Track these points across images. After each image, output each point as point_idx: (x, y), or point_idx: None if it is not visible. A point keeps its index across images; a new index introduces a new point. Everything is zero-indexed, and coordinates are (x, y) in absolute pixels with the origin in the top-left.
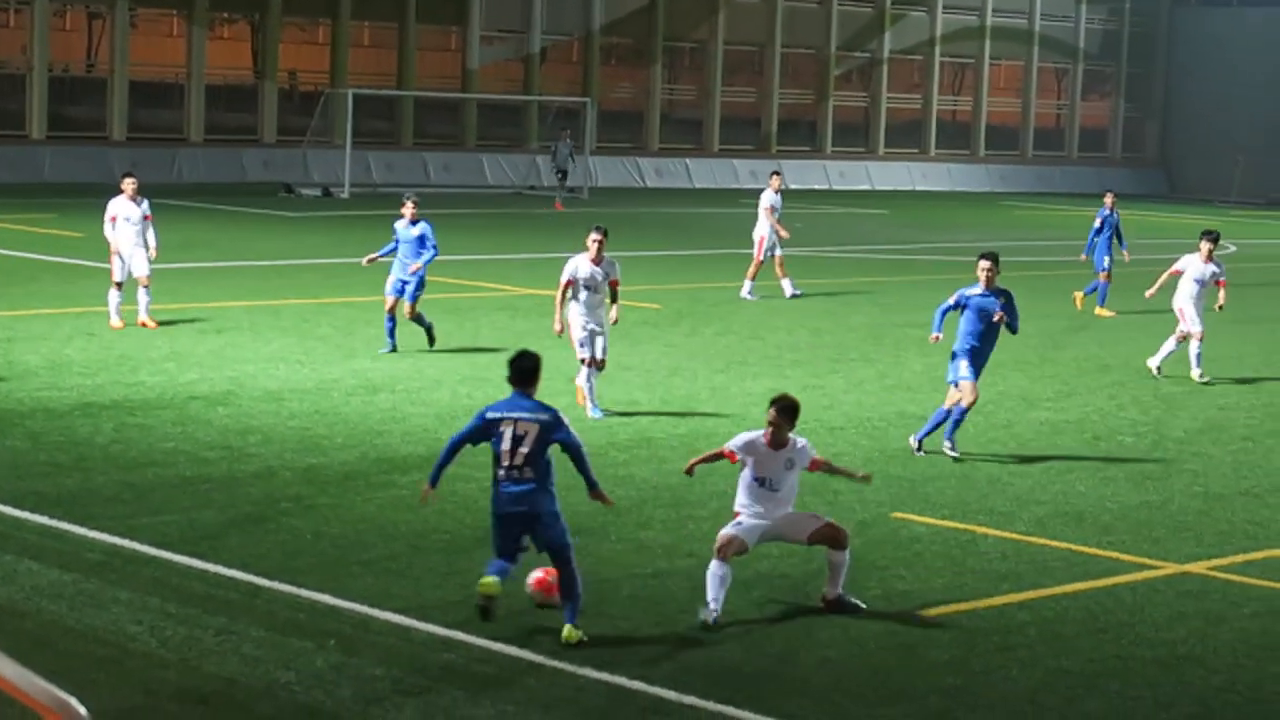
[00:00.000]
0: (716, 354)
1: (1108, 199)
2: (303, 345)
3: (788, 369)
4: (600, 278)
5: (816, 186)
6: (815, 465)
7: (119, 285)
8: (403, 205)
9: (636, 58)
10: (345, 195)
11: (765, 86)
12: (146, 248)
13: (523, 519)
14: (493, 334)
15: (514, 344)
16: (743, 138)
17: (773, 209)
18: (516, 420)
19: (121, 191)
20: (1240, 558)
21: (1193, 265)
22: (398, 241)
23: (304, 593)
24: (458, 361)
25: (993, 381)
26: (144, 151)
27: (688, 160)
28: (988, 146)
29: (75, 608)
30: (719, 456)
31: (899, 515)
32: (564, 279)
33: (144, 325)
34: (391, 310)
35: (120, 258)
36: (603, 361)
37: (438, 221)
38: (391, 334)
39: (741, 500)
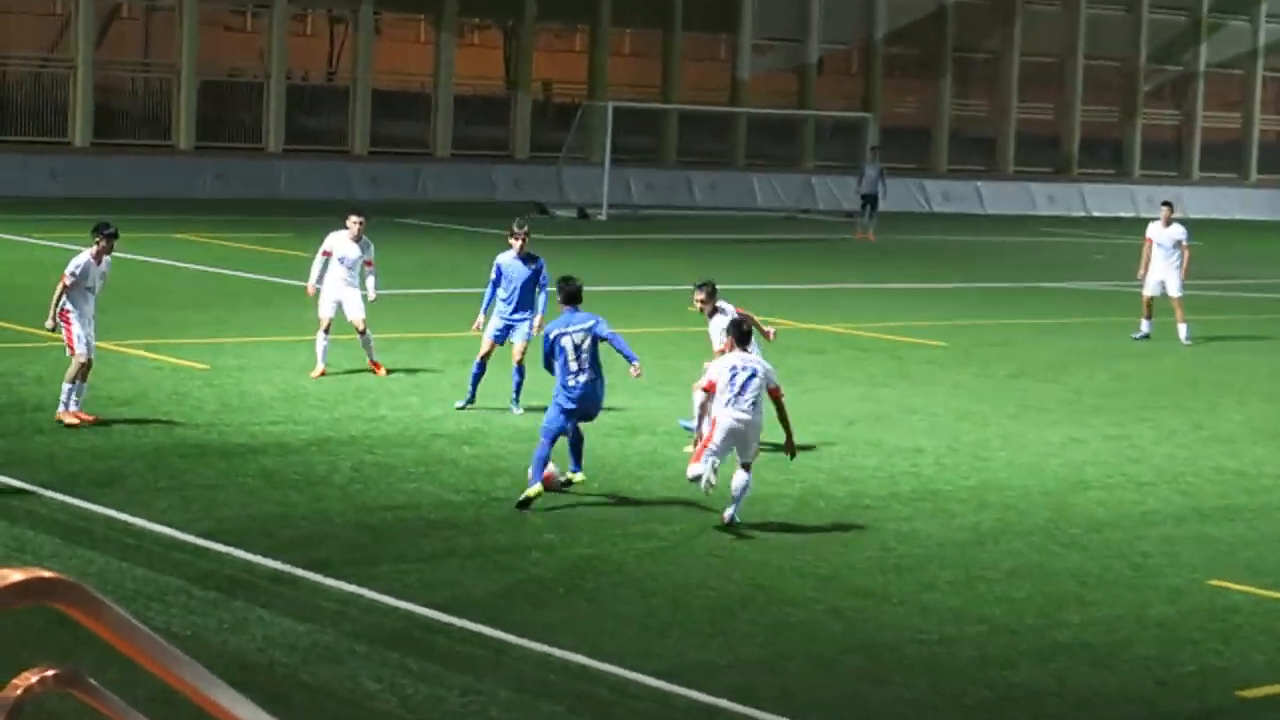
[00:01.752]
0: (1009, 398)
1: None
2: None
3: (1089, 415)
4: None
5: (1122, 214)
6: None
7: (327, 329)
8: (511, 234)
9: (922, 69)
10: (603, 217)
11: (1065, 102)
12: (364, 290)
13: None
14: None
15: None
16: (1040, 158)
17: (1155, 243)
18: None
19: (345, 228)
20: None
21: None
22: (500, 278)
23: (555, 651)
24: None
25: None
26: (386, 166)
27: (978, 183)
28: None
29: (310, 661)
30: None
31: (1216, 583)
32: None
33: (376, 368)
34: (485, 358)
35: (326, 300)
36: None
37: (703, 248)
38: (476, 383)
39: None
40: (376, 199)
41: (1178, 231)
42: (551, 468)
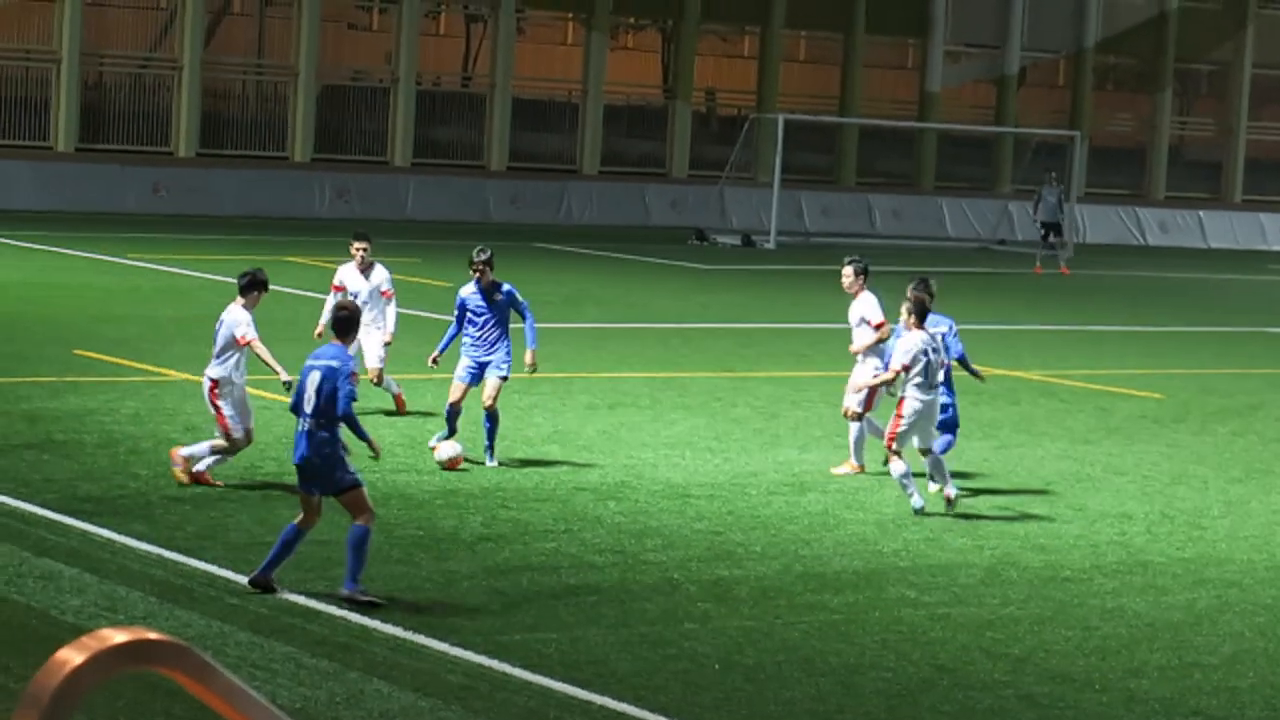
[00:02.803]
0: (1233, 459)
1: None
2: (714, 429)
3: None
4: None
5: None
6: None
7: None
8: (471, 265)
9: (1139, 82)
10: (770, 245)
11: None
12: (383, 330)
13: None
14: (991, 426)
15: (1036, 443)
16: (1273, 186)
17: None
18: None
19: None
20: None
21: None
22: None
23: None
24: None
25: None
26: (527, 185)
27: (1201, 213)
28: None
29: None
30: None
31: None
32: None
33: (399, 405)
34: (456, 405)
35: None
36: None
37: (884, 281)
38: (452, 420)
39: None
40: (515, 221)
41: None
42: (456, 448)
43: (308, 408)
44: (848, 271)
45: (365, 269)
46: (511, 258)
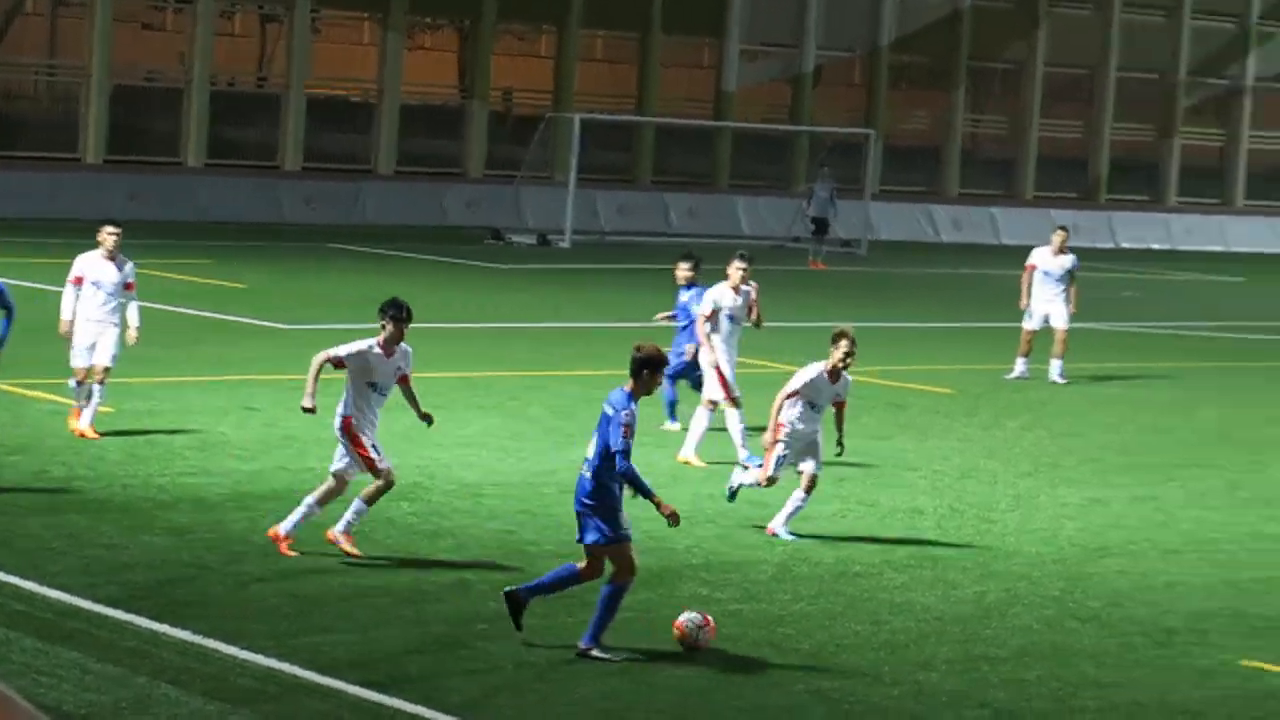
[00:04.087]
0: (1022, 453)
1: None
2: (509, 428)
3: (1112, 474)
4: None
5: (1156, 245)
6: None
7: (81, 381)
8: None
9: (933, 81)
10: (566, 244)
11: (1095, 119)
12: (124, 327)
13: None
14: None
15: None
16: (1065, 182)
17: (1042, 271)
18: None
19: (98, 244)
20: None
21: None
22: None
23: None
24: (700, 453)
25: None
26: (322, 185)
27: (994, 210)
28: None
29: None
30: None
31: (1251, 664)
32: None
33: (82, 435)
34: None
35: (79, 346)
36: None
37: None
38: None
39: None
40: (310, 221)
41: (1069, 260)
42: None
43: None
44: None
45: (115, 258)
46: (306, 258)
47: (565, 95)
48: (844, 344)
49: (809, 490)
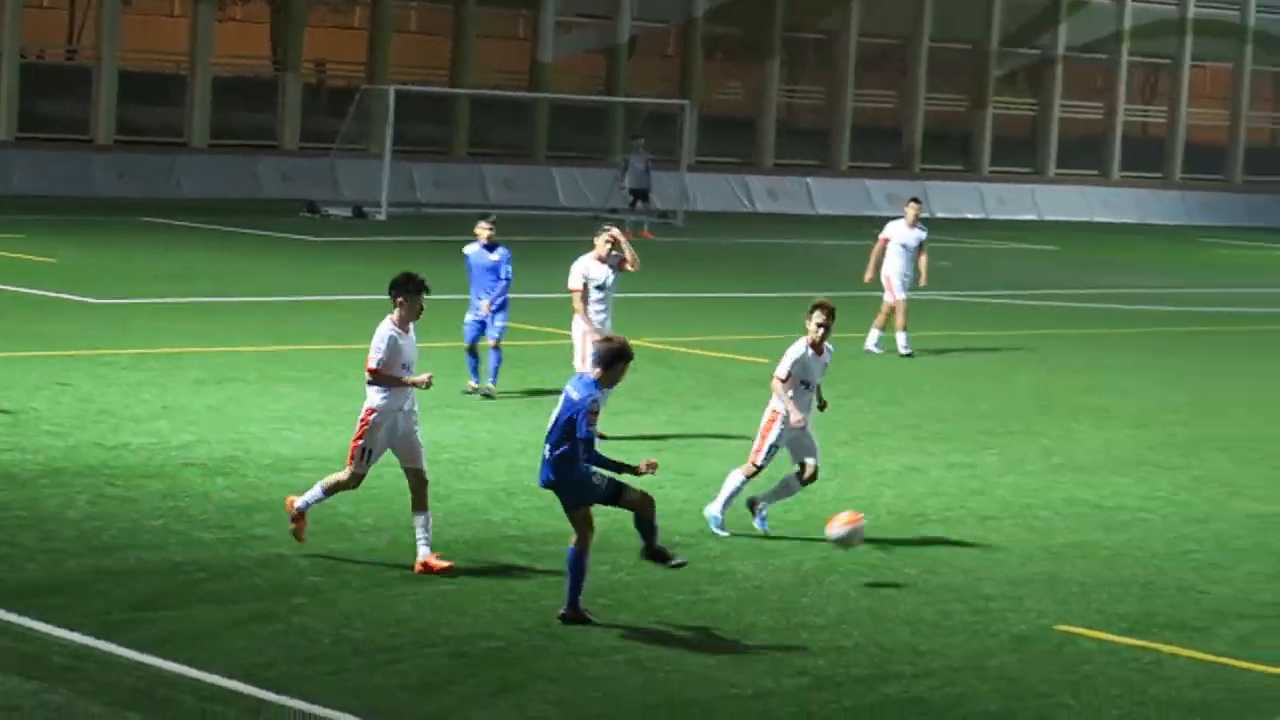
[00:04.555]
0: (841, 422)
1: None
2: (325, 401)
3: (930, 443)
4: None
5: (970, 215)
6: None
7: None
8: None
9: (748, 52)
10: (382, 217)
11: (908, 90)
12: None
13: None
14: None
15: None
16: (879, 153)
17: (896, 243)
18: None
19: None
20: None
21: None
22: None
23: (319, 710)
24: (518, 426)
25: (1186, 464)
26: (135, 158)
27: (809, 180)
28: (1186, 169)
29: None
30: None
31: (1065, 628)
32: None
33: None
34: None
35: None
36: None
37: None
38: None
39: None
40: (123, 195)
41: (921, 232)
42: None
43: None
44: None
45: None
46: (119, 233)
47: (380, 67)
48: (818, 315)
49: (808, 483)
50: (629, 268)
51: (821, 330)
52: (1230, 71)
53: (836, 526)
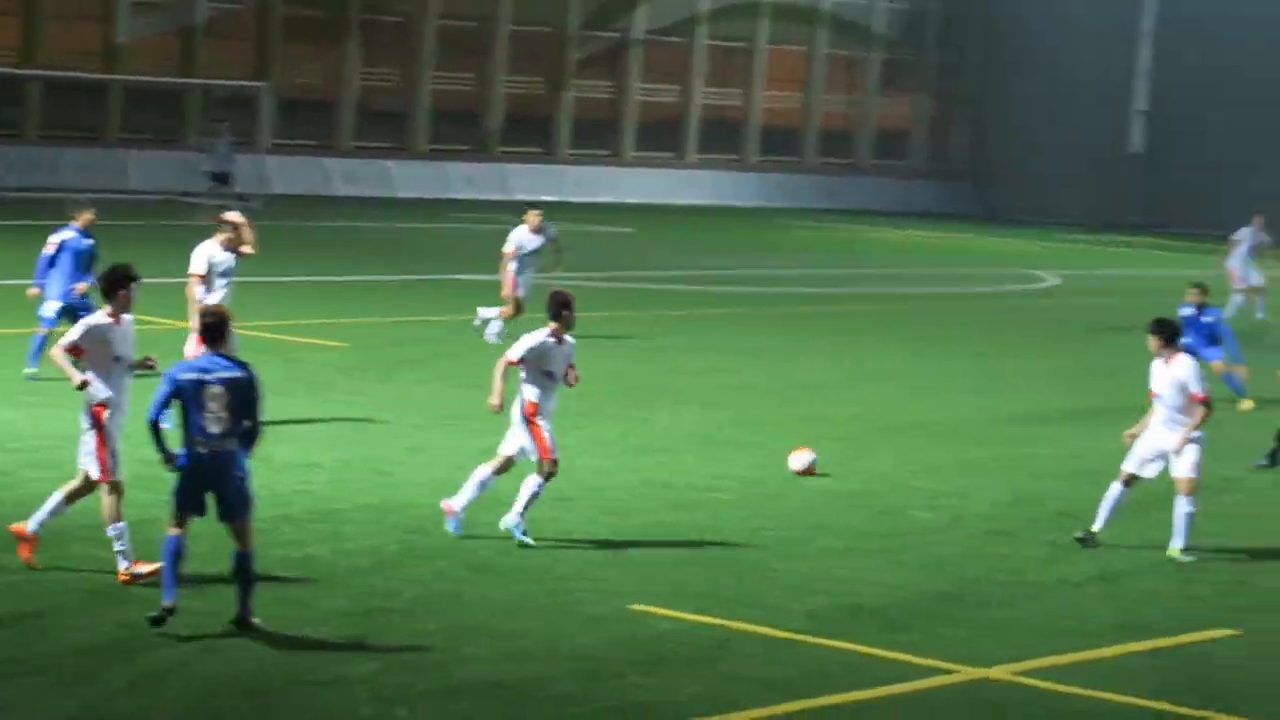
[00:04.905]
0: (418, 406)
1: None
2: None
3: (507, 423)
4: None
5: (548, 197)
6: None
7: None
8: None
9: (325, 33)
10: None
11: (488, 72)
12: None
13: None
14: None
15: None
16: (458, 136)
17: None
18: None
19: None
20: (1052, 660)
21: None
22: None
23: None
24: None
25: (757, 442)
26: None
27: (389, 162)
28: (762, 151)
29: None
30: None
31: (640, 608)
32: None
33: None
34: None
35: None
36: None
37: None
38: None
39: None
40: None
41: (551, 230)
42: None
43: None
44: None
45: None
46: None
47: None
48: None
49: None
50: (247, 250)
51: (563, 322)
52: (804, 55)
53: (798, 460)
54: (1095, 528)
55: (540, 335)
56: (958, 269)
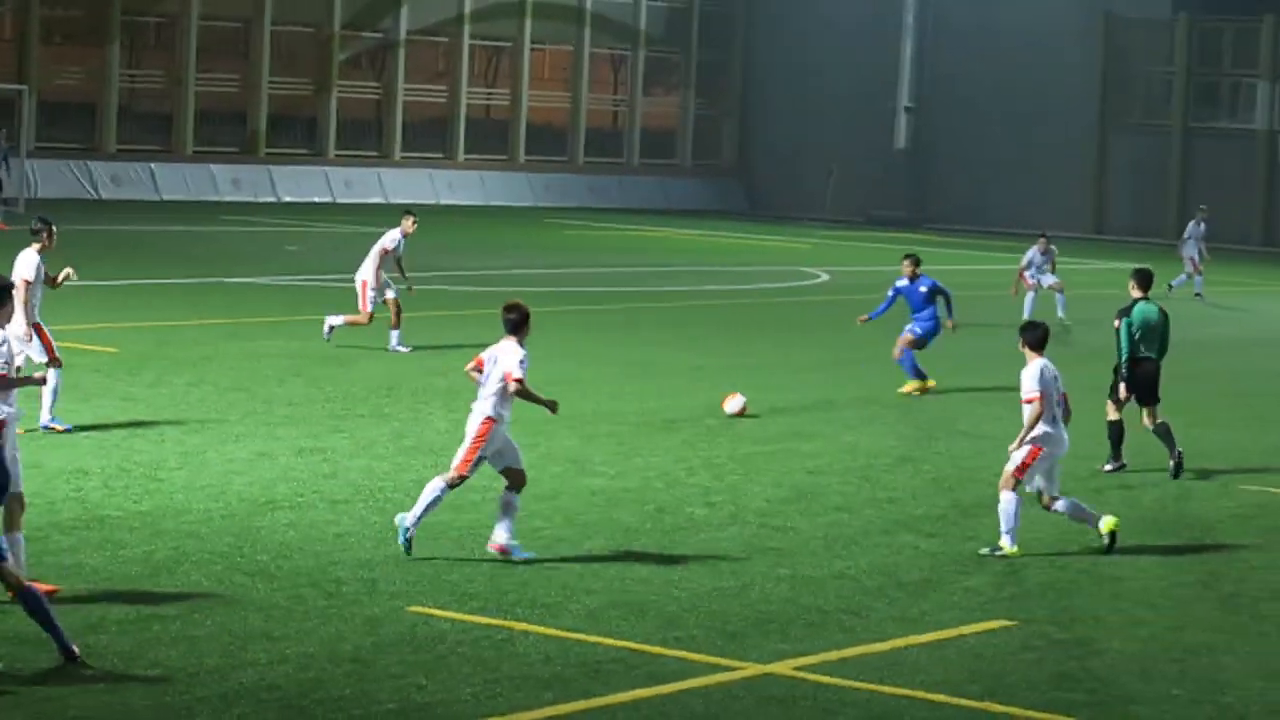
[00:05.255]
0: (189, 410)
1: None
2: None
3: (280, 428)
4: None
5: (317, 199)
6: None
7: None
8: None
9: (88, 35)
10: None
11: (252, 73)
12: None
13: None
14: None
15: None
16: (224, 137)
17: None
18: None
19: None
20: (834, 654)
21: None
22: None
23: None
24: None
25: (534, 442)
26: None
27: (153, 165)
28: (529, 150)
29: None
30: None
31: (417, 609)
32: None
33: None
34: None
35: None
36: None
37: None
38: None
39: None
40: None
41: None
42: None
43: None
44: None
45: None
46: None
47: None
48: (512, 313)
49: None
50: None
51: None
52: (570, 54)
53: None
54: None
55: (522, 350)
56: (728, 266)
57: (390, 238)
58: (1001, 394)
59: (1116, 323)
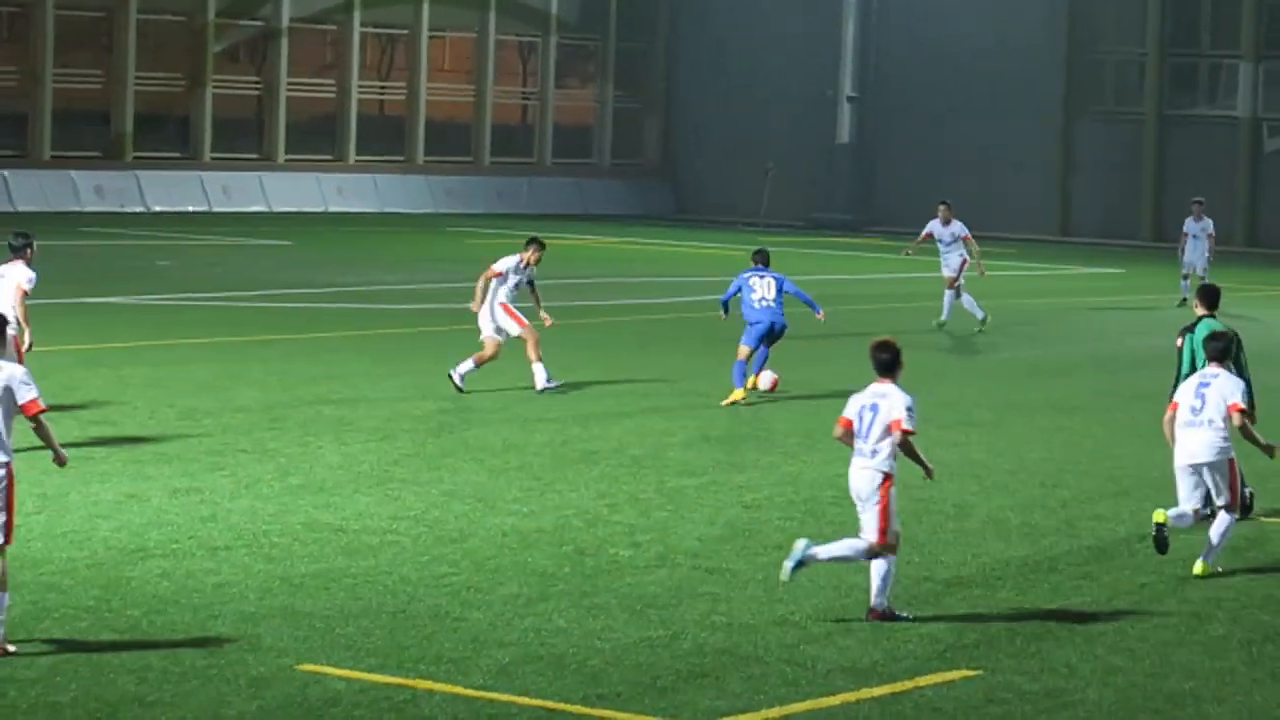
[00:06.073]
0: (47, 451)
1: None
2: None
3: (150, 466)
4: None
5: (191, 208)
6: None
7: None
8: None
9: None
10: None
11: (116, 68)
12: None
13: None
14: None
15: None
16: (85, 140)
17: None
18: None
19: None
20: (776, 711)
21: None
22: None
23: None
24: None
25: (437, 478)
26: None
27: (6, 172)
28: (429, 151)
29: None
30: None
31: (308, 668)
32: None
33: None
34: None
35: None
36: None
37: None
38: None
39: None
40: None
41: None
42: None
43: None
44: None
45: None
46: None
47: None
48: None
49: None
50: None
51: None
52: (474, 42)
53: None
54: None
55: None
56: (653, 277)
57: (503, 262)
58: (943, 417)
59: (1179, 341)
